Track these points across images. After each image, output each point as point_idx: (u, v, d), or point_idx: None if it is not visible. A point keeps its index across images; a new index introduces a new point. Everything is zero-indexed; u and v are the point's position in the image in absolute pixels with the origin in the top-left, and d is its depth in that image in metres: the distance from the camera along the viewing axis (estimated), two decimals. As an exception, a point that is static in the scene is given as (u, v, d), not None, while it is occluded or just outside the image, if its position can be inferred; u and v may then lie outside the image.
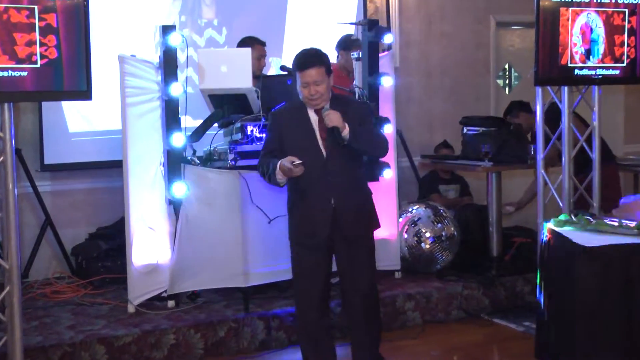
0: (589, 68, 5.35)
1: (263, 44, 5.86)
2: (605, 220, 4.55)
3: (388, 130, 5.39)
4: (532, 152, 5.83)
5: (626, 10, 5.34)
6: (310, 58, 4.08)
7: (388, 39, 5.53)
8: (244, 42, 5.79)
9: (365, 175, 4.36)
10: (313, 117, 4.12)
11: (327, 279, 4.22)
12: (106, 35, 6.02)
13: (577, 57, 5.28)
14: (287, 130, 4.14)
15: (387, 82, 5.53)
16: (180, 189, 4.88)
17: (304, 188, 4.11)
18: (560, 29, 5.22)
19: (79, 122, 6.11)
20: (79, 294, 5.48)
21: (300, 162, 3.94)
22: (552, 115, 5.49)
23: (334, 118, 4.01)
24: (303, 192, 4.12)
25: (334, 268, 4.25)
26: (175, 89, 4.89)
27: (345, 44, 6.05)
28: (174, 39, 4.88)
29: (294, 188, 4.17)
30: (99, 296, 5.43)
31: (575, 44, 5.27)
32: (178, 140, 4.89)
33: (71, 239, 6.05)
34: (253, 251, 5.06)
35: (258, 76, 5.48)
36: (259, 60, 5.73)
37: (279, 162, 4.00)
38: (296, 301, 4.33)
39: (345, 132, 4.01)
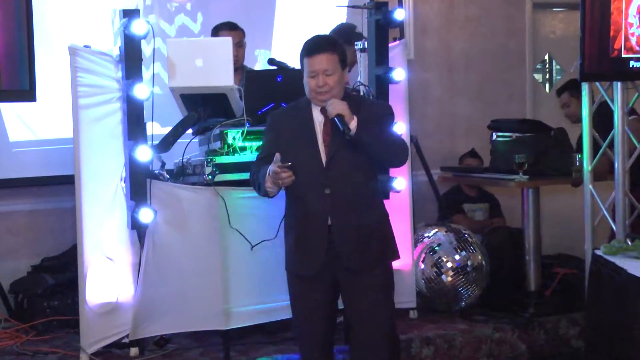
0: (647, 59, 5.37)
1: (233, 27, 5.87)
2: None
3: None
4: (578, 163, 5.84)
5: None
6: (321, 43, 4.16)
7: (399, 14, 5.52)
8: (216, 31, 5.83)
9: (379, 192, 4.36)
10: (317, 118, 4.18)
11: (330, 319, 4.26)
12: (54, 23, 6.04)
13: (633, 40, 5.29)
14: (285, 133, 4.20)
15: (398, 77, 5.54)
16: (146, 212, 4.88)
17: (299, 203, 4.16)
18: (612, 10, 5.22)
19: (21, 129, 6.12)
20: (19, 341, 5.45)
21: (287, 164, 3.95)
22: (603, 118, 5.50)
23: (338, 106, 4.05)
24: (298, 208, 4.17)
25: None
26: (139, 90, 4.89)
27: (347, 35, 6.06)
28: (138, 27, 4.89)
29: (290, 203, 4.23)
30: (44, 343, 5.40)
31: (631, 24, 5.28)
32: (143, 151, 4.90)
33: (9, 273, 6.03)
34: (235, 286, 5.06)
35: (236, 69, 5.50)
36: (237, 48, 5.73)
37: (269, 167, 4.04)
38: (299, 346, 4.39)
39: (353, 123, 4.03)
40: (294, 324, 4.36)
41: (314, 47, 4.13)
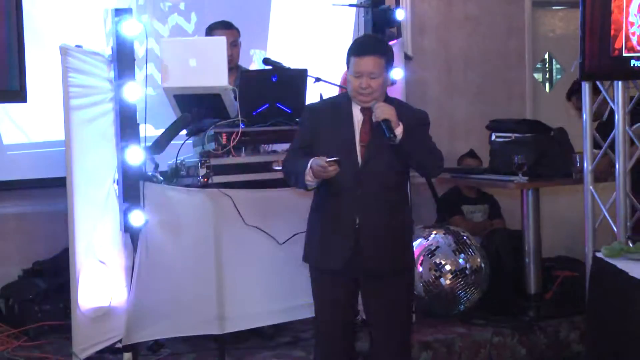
0: (649, 58, 5.37)
1: (228, 26, 5.87)
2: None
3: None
4: (579, 164, 5.85)
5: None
6: (371, 44, 4.23)
7: (400, 14, 5.52)
8: (210, 30, 5.83)
9: (408, 198, 4.45)
10: (357, 117, 4.23)
11: (351, 315, 4.37)
12: (45, 22, 6.03)
13: (634, 40, 5.30)
14: (323, 127, 4.26)
15: (395, 77, 5.54)
16: (138, 215, 4.87)
17: (329, 200, 4.23)
18: (612, 8, 5.23)
19: (14, 132, 6.11)
20: (10, 346, 5.45)
21: (335, 159, 4.01)
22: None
23: (387, 111, 4.09)
24: (326, 205, 4.25)
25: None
26: (132, 91, 4.89)
27: None
28: (130, 27, 4.89)
29: (320, 199, 4.30)
30: (36, 349, 5.41)
31: (632, 24, 5.29)
32: (136, 153, 4.89)
33: (0, 277, 6.03)
34: (231, 290, 5.05)
35: (231, 68, 5.50)
36: (232, 48, 5.73)
37: (311, 160, 4.10)
38: (316, 342, 4.49)
39: (399, 130, 4.08)
40: (315, 316, 4.45)
41: (363, 47, 4.19)
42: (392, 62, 4.29)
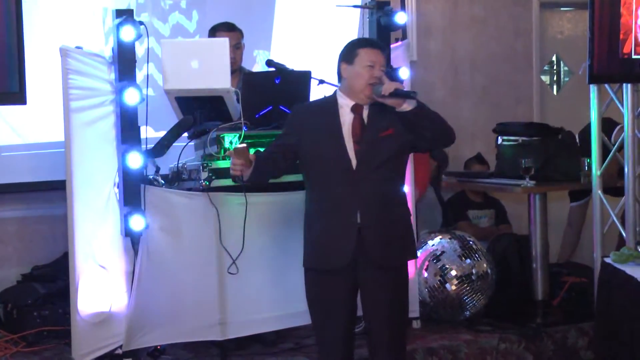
0: (658, 60, 5.38)
1: (231, 28, 5.88)
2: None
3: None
4: (587, 168, 5.86)
5: None
6: (378, 41, 4.43)
7: (401, 18, 5.54)
8: (213, 31, 5.84)
9: (403, 189, 4.49)
10: (346, 118, 4.28)
11: (351, 317, 4.36)
12: (44, 22, 6.04)
13: (644, 44, 5.31)
14: (309, 131, 4.32)
15: (403, 77, 5.55)
16: (139, 219, 4.88)
17: (326, 199, 4.28)
18: (621, 10, 5.24)
19: (8, 132, 6.11)
20: (9, 352, 5.45)
21: (243, 145, 4.21)
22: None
23: (393, 83, 4.19)
24: (324, 204, 4.29)
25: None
26: (133, 93, 4.90)
27: None
28: (131, 29, 4.89)
29: (315, 199, 4.35)
30: (35, 355, 5.41)
31: (641, 27, 5.31)
32: (136, 156, 4.90)
33: (-2, 281, 6.05)
34: (233, 295, 5.06)
35: (234, 71, 5.51)
36: (234, 50, 5.74)
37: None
38: (319, 348, 4.48)
39: (412, 103, 4.15)
40: (313, 325, 4.47)
41: (374, 41, 4.42)
42: None
